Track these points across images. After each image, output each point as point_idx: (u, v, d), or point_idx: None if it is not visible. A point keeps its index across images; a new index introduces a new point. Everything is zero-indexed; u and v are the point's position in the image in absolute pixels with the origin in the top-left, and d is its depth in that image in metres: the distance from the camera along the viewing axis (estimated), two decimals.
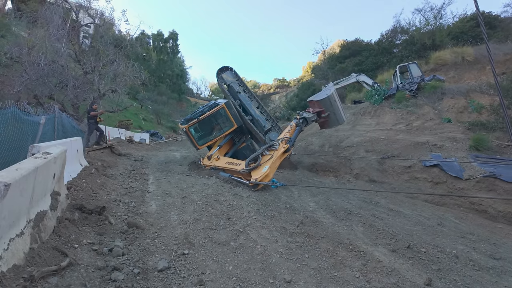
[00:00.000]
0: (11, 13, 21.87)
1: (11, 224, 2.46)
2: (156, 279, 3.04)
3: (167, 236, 4.07)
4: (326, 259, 3.77)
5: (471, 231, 5.77)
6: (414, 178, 9.20)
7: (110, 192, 5.78)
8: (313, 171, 11.48)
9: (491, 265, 4.14)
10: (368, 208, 6.44)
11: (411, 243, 4.46)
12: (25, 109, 5.62)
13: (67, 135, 7.43)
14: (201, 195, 6.04)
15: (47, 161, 3.25)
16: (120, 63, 14.81)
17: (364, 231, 4.89)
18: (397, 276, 3.45)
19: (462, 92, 13.44)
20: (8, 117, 4.68)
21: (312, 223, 4.99)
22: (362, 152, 11.33)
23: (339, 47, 34.09)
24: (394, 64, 20.52)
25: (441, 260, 4.06)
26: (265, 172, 6.83)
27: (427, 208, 7.46)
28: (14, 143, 4.72)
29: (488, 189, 7.74)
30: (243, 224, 4.68)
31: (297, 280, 3.22)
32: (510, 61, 15.67)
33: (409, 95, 14.55)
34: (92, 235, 3.73)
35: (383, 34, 26.88)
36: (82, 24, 16.66)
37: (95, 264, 3.06)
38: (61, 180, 4.20)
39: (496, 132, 10.20)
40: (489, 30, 20.08)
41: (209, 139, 9.84)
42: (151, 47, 45.22)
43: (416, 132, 11.68)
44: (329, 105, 9.33)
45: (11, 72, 12.85)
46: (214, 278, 3.17)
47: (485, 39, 3.62)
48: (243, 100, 10.84)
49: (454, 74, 17.59)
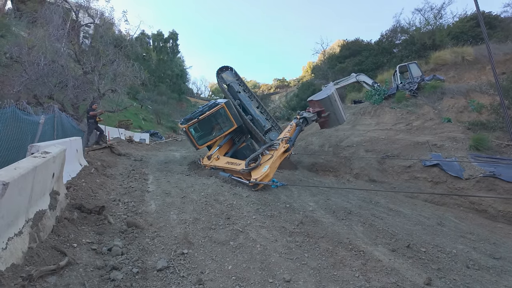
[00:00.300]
0: (11, 13, 21.87)
1: (10, 223, 2.46)
2: (155, 278, 3.03)
3: (167, 235, 4.06)
4: (325, 258, 3.76)
5: (471, 231, 5.77)
6: (414, 177, 9.20)
7: (110, 192, 5.78)
8: (313, 171, 11.47)
9: (491, 264, 4.13)
10: (368, 208, 6.44)
11: (411, 242, 4.46)
12: (24, 109, 5.63)
13: (66, 135, 7.43)
14: (200, 195, 6.03)
15: (46, 161, 3.24)
16: (120, 63, 14.79)
17: (364, 231, 4.89)
18: (396, 275, 3.44)
19: (462, 92, 13.44)
20: (7, 116, 4.69)
21: (312, 223, 4.99)
22: (362, 152, 11.32)
23: (339, 47, 34.09)
24: (394, 64, 20.52)
25: (441, 260, 4.05)
26: (265, 172, 6.80)
27: (427, 208, 7.45)
28: (14, 142, 4.72)
29: (488, 188, 7.74)
30: (242, 223, 4.67)
31: (297, 280, 3.22)
32: (510, 61, 15.65)
33: (409, 95, 14.56)
34: (91, 234, 3.72)
35: (383, 34, 26.93)
36: (82, 24, 16.66)
37: (94, 263, 3.05)
38: (60, 180, 4.20)
39: (496, 131, 10.19)
40: (489, 30, 20.07)
41: (209, 139, 9.81)
42: (151, 47, 45.21)
43: (416, 132, 11.67)
44: (329, 105, 9.31)
45: (11, 72, 12.84)
46: (213, 277, 3.16)
47: (485, 39, 3.61)
48: (243, 100, 10.81)
49: (454, 74, 17.58)
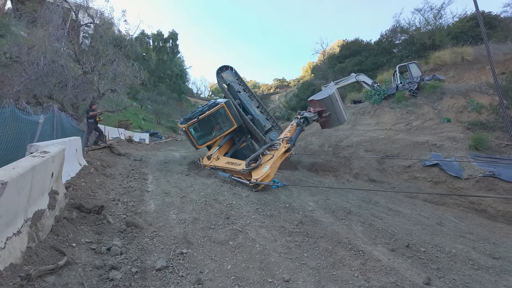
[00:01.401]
0: (11, 13, 21.86)
1: (8, 222, 2.45)
2: (154, 278, 3.03)
3: (166, 235, 4.05)
4: (325, 258, 3.76)
5: (471, 231, 5.76)
6: (413, 177, 9.20)
7: (109, 192, 5.78)
8: (313, 170, 11.47)
9: (491, 264, 4.13)
10: (367, 208, 6.43)
11: (411, 242, 4.46)
12: (24, 109, 5.62)
13: (66, 135, 7.43)
14: (200, 195, 6.02)
15: (45, 160, 3.24)
16: (120, 63, 14.77)
17: (363, 231, 4.88)
18: (396, 275, 3.44)
19: (461, 92, 13.45)
20: (6, 116, 4.68)
21: (311, 223, 4.98)
22: (361, 152, 11.32)
23: (339, 47, 34.14)
24: (393, 64, 20.54)
25: (440, 260, 4.05)
26: (265, 172, 6.74)
27: (427, 208, 7.45)
28: (13, 142, 4.72)
29: (488, 188, 7.74)
30: (242, 223, 4.67)
31: (296, 279, 3.22)
32: (509, 61, 15.68)
33: (408, 95, 14.58)
34: (90, 234, 3.72)
35: (383, 34, 26.99)
36: (82, 24, 16.63)
37: (93, 263, 3.05)
38: (60, 179, 4.19)
39: (496, 131, 10.19)
40: (488, 30, 20.09)
41: (208, 139, 9.77)
42: (150, 47, 45.19)
43: (416, 132, 11.68)
44: (330, 105, 9.23)
45: (10, 71, 12.81)
46: (213, 277, 3.16)
47: (484, 39, 3.61)
48: (243, 100, 10.76)
49: (453, 74, 17.60)
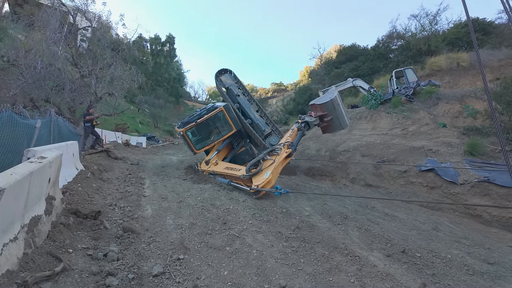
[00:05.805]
0: (8, 16, 21.83)
1: (5, 229, 2.45)
2: (151, 284, 3.02)
3: (163, 241, 4.05)
4: (321, 264, 3.78)
5: (466, 236, 5.81)
6: (409, 182, 9.25)
7: (106, 196, 5.76)
8: (310, 175, 11.50)
9: (485, 269, 4.16)
10: (364, 213, 6.47)
11: (406, 247, 4.49)
12: (21, 113, 5.60)
13: (63, 139, 7.40)
14: (197, 200, 6.03)
15: (42, 166, 3.24)
16: (117, 67, 14.76)
17: (360, 236, 4.91)
18: (391, 281, 3.47)
19: (457, 97, 13.61)
20: (3, 120, 4.66)
21: (308, 228, 5.00)
22: (358, 157, 11.39)
23: (335, 52, 34.37)
24: (390, 69, 20.70)
25: (435, 265, 4.08)
26: (267, 178, 6.55)
27: (423, 213, 7.50)
28: (9, 147, 4.69)
29: (483, 194, 7.80)
30: (239, 228, 4.68)
31: (292, 285, 3.23)
32: (504, 67, 15.91)
33: (405, 100, 14.72)
34: (87, 240, 3.71)
35: (379, 39, 27.23)
36: (80, 28, 16.64)
37: (90, 269, 3.04)
38: (56, 185, 4.19)
39: (491, 137, 10.30)
40: (483, 36, 20.38)
41: (207, 143, 9.58)
42: (148, 51, 45.25)
43: (412, 137, 11.78)
44: (332, 109, 9.11)
45: (7, 75, 12.78)
46: (209, 283, 3.16)
47: (475, 46, 3.67)
48: (242, 104, 10.63)
49: (449, 79, 17.80)
